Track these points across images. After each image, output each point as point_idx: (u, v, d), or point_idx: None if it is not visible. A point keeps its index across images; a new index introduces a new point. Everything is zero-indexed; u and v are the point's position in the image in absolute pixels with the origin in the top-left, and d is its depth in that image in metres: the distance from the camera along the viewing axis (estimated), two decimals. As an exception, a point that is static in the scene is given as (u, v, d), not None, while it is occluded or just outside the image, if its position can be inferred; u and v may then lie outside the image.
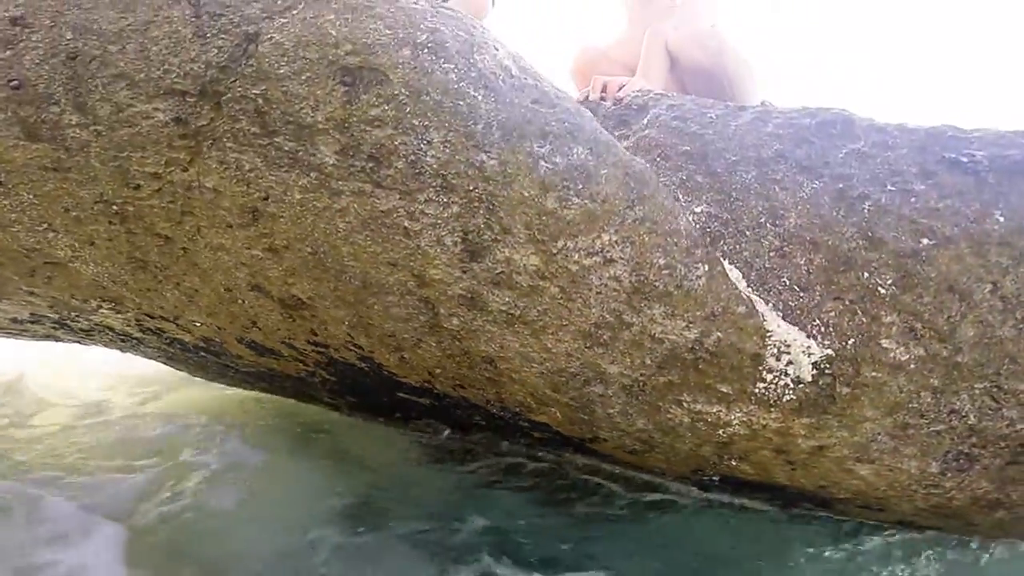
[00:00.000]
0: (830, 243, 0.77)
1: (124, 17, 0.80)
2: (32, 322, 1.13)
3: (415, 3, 0.76)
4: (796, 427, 0.79)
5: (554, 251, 0.71)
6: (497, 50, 0.76)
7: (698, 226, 0.80)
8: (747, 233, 0.80)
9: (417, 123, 0.70)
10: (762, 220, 0.81)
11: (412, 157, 0.71)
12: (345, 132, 0.72)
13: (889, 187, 0.77)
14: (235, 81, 0.76)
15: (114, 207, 0.87)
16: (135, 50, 0.79)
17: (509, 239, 0.72)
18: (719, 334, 0.73)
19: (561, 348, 0.77)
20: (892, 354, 0.74)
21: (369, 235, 0.77)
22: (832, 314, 0.76)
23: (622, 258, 0.71)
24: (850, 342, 0.74)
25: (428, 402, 1.03)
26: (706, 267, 0.73)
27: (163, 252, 0.91)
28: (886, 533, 0.98)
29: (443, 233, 0.74)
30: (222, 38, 0.77)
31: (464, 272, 0.75)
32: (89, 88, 0.80)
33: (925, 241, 0.74)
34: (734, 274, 0.76)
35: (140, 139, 0.81)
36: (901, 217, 0.76)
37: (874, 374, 0.76)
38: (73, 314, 1.08)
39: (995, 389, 0.79)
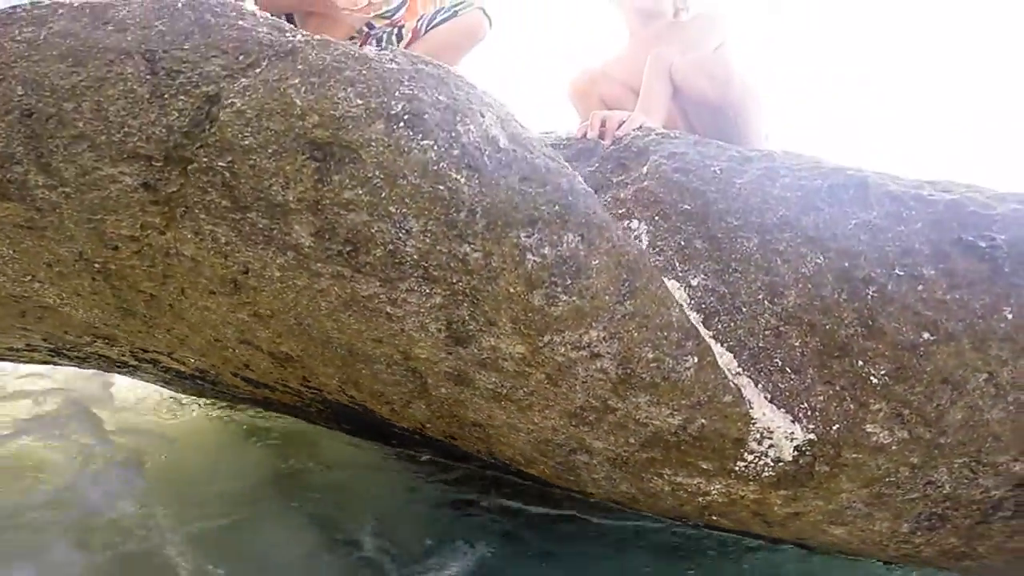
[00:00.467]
0: (828, 327, 0.75)
1: (75, 72, 0.73)
2: (28, 350, 1.14)
3: (391, 62, 0.68)
4: (773, 497, 0.81)
5: (540, 344, 0.69)
6: (483, 116, 0.69)
7: (692, 303, 0.77)
8: (744, 310, 0.77)
9: (394, 210, 0.66)
10: (760, 296, 0.77)
11: (391, 246, 0.67)
12: (319, 215, 0.68)
13: (897, 271, 0.73)
14: (200, 148, 0.71)
15: (96, 265, 0.84)
16: (91, 109, 0.72)
17: (494, 330, 0.70)
18: (703, 420, 0.73)
19: (547, 423, 0.77)
20: (875, 438, 0.74)
21: (352, 315, 0.75)
22: (821, 398, 0.75)
23: (609, 353, 0.69)
24: (835, 427, 0.74)
25: (422, 439, 1.06)
26: (695, 359, 0.71)
27: (150, 306, 0.89)
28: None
29: (427, 320, 0.72)
30: (181, 99, 0.70)
31: (450, 354, 0.74)
32: (51, 148, 0.74)
33: (926, 335, 0.72)
34: (724, 359, 0.74)
35: (111, 202, 0.77)
36: (905, 307, 0.72)
37: (855, 455, 0.77)
38: (67, 346, 1.09)
39: (974, 463, 0.80)
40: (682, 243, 0.81)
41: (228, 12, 0.75)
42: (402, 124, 0.65)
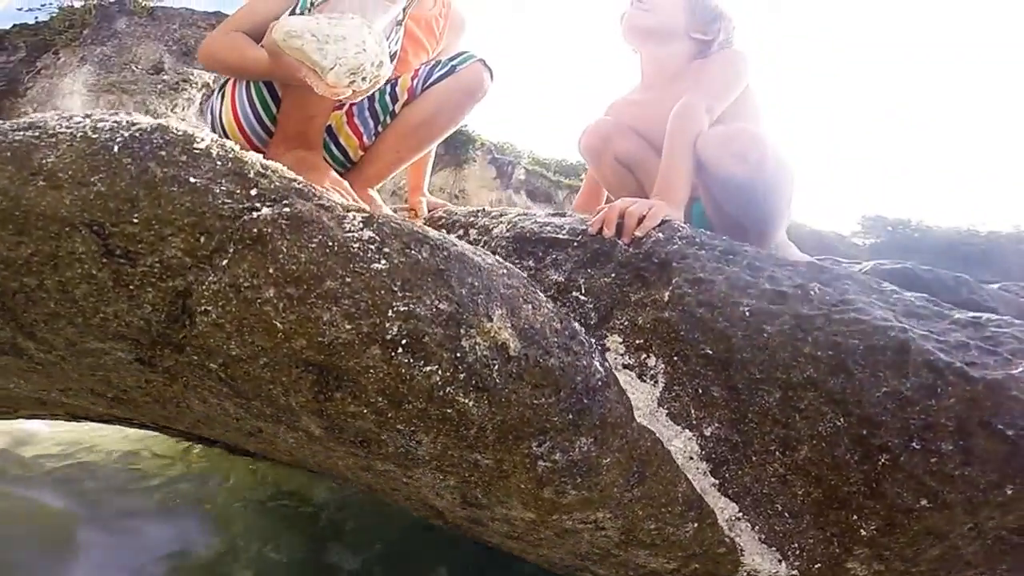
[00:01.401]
0: (833, 483, 0.77)
1: (22, 243, 0.64)
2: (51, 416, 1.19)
3: (378, 259, 0.59)
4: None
5: (549, 519, 0.73)
6: (491, 318, 0.62)
7: (703, 452, 0.78)
8: (753, 459, 0.79)
9: (403, 428, 0.64)
10: (772, 448, 0.78)
11: (402, 449, 0.67)
12: (325, 419, 0.66)
13: (915, 444, 0.72)
14: (184, 339, 0.65)
15: (108, 396, 0.83)
16: (56, 289, 0.65)
17: (506, 504, 0.73)
18: (696, 565, 0.80)
19: (555, 556, 0.85)
20: (853, 572, 0.82)
21: (370, 474, 0.77)
22: (811, 541, 0.80)
23: (614, 527, 0.73)
24: (816, 566, 0.81)
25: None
26: (695, 524, 0.75)
27: (170, 417, 0.91)
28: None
29: (442, 491, 0.74)
30: (150, 291, 0.63)
31: (464, 509, 0.78)
32: (31, 321, 0.69)
33: (924, 502, 0.74)
34: (726, 512, 0.78)
35: (110, 365, 0.73)
36: (912, 476, 0.73)
37: (833, 579, 0.85)
38: (89, 419, 1.13)
39: None
40: (700, 390, 0.78)
41: (175, 157, 0.62)
42: (400, 350, 0.59)
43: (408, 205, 1.39)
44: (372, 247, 0.58)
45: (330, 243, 0.57)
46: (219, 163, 0.63)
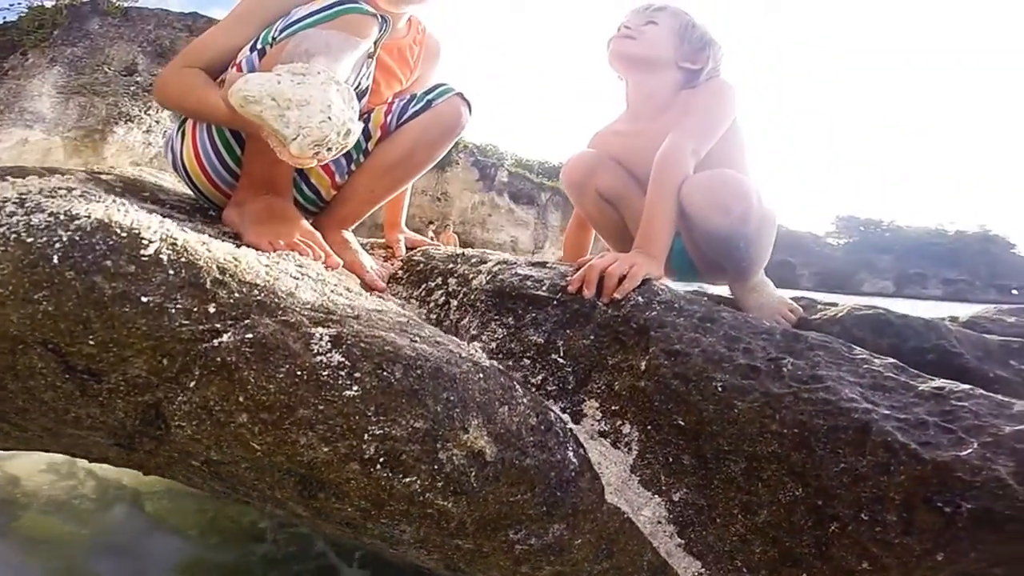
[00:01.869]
0: (788, 544, 0.83)
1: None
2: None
3: (352, 391, 0.59)
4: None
5: (527, 583, 0.78)
6: (467, 429, 0.64)
7: (671, 516, 0.83)
8: (717, 520, 0.84)
9: (386, 521, 0.67)
10: (735, 511, 0.83)
11: (387, 533, 0.70)
12: (311, 509, 0.68)
13: (863, 515, 0.78)
14: (162, 438, 0.66)
15: (108, 454, 0.84)
16: (22, 392, 0.65)
17: (487, 573, 0.78)
18: (662, 611, 0.87)
19: None
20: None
21: (358, 539, 0.80)
22: (766, 589, 0.87)
23: (586, 589, 0.79)
24: (771, 608, 0.89)
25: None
26: (661, 583, 0.81)
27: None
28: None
29: (426, 560, 0.78)
30: (119, 402, 0.62)
31: (449, 571, 0.83)
32: (2, 412, 0.68)
33: (865, 565, 0.80)
34: (689, 572, 0.84)
35: (90, 445, 0.74)
36: (857, 543, 0.79)
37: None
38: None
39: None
40: (671, 459, 0.82)
41: (122, 268, 0.58)
42: (379, 465, 0.61)
43: (385, 242, 1.35)
44: (343, 373, 0.58)
45: (299, 372, 0.57)
46: (171, 273, 0.59)
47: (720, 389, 0.78)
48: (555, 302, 0.91)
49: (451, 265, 1.09)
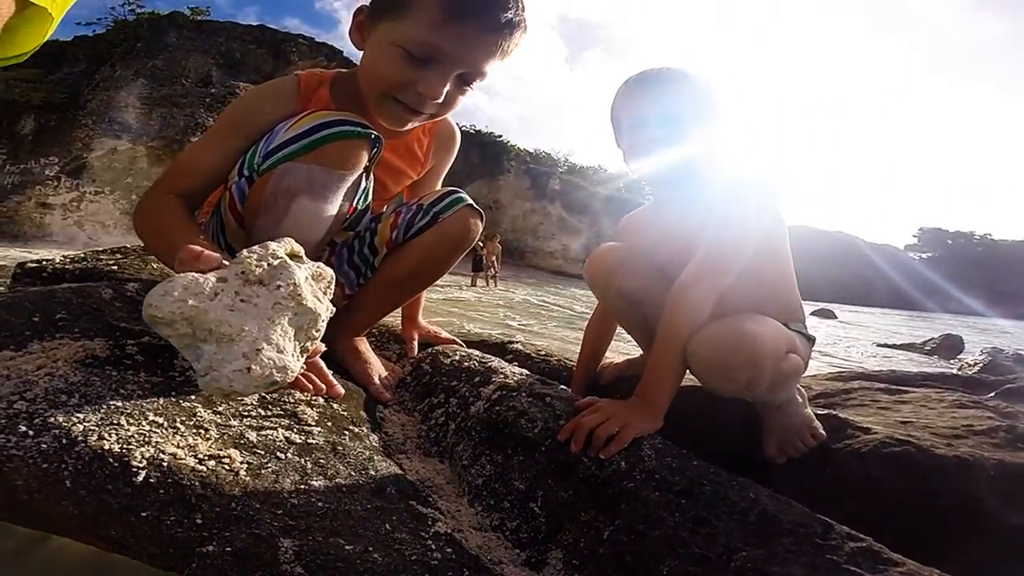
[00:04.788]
0: None
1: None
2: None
3: None
4: None
5: None
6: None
7: None
8: None
9: None
10: None
11: None
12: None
13: None
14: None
15: None
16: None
17: None
18: None
19: None
20: None
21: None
22: None
23: None
24: None
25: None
26: None
27: None
28: None
29: None
30: None
31: None
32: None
33: None
34: None
35: None
36: None
37: None
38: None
39: None
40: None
41: (120, 489, 0.64)
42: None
43: (402, 334, 1.39)
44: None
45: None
46: (161, 492, 0.65)
47: (665, 573, 0.76)
48: (544, 448, 0.92)
49: (454, 382, 1.12)
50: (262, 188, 0.91)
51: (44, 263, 1.42)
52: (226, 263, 0.66)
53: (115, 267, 1.35)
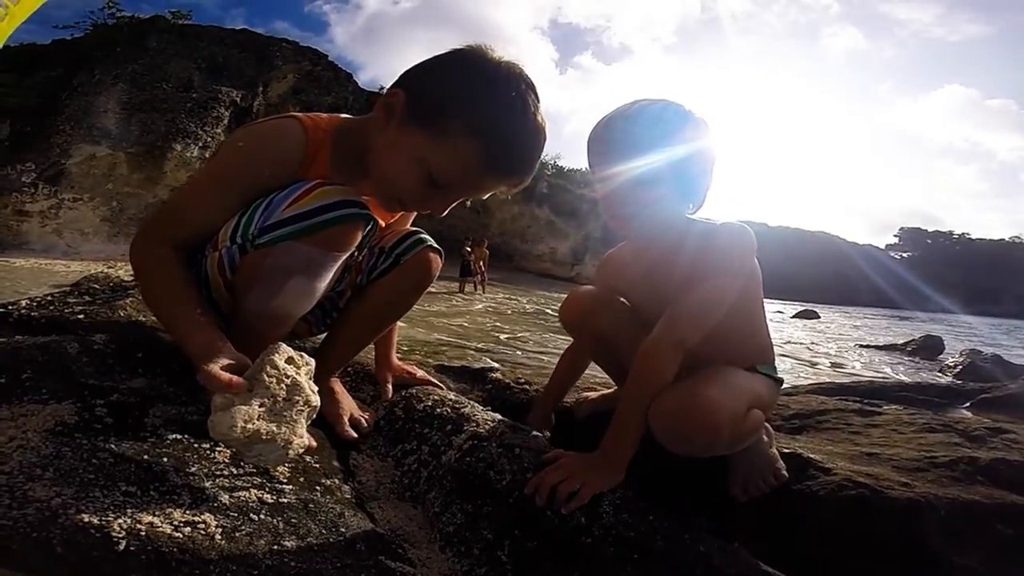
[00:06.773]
0: None
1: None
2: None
3: None
4: None
5: None
6: None
7: None
8: None
9: None
10: None
11: None
12: None
13: None
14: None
15: None
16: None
17: None
18: None
19: None
20: None
21: None
22: None
23: None
24: None
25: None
26: None
27: None
28: None
29: None
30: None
31: None
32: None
33: None
34: None
35: None
36: None
37: None
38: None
39: None
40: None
41: (106, 557, 0.66)
42: None
43: (376, 376, 1.40)
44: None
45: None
46: (143, 559, 0.68)
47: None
48: (511, 500, 0.95)
49: (426, 430, 1.15)
50: (258, 262, 0.91)
51: (10, 307, 1.41)
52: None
53: (81, 315, 1.35)
